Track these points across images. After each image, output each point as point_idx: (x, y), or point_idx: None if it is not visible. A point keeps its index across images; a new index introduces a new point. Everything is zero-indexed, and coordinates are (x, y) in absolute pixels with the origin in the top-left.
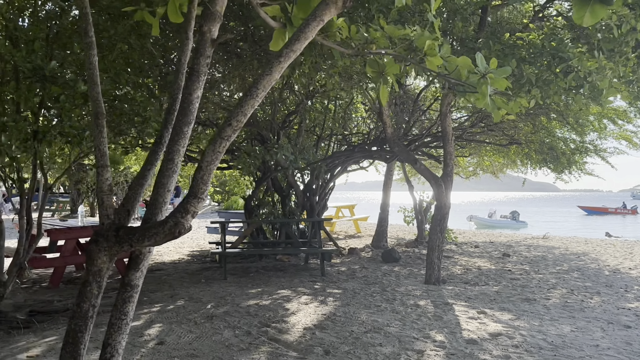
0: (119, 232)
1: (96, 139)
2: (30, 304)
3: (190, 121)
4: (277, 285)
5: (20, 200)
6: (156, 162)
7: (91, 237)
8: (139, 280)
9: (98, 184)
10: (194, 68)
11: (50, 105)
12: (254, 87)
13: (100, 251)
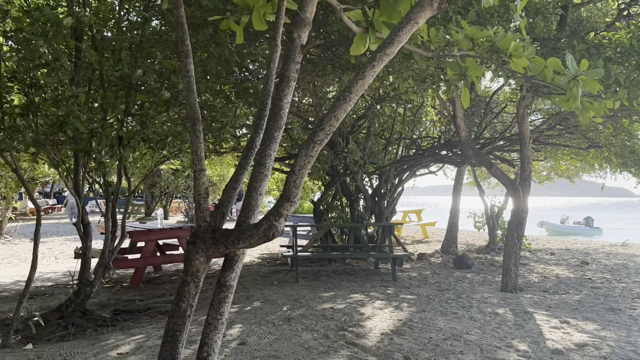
0: (215, 234)
1: (193, 144)
2: (113, 303)
3: (281, 126)
4: (349, 289)
5: (106, 203)
6: (248, 167)
7: (189, 239)
8: (234, 281)
9: (195, 188)
10: (284, 74)
11: (134, 112)
12: (347, 91)
13: (198, 252)
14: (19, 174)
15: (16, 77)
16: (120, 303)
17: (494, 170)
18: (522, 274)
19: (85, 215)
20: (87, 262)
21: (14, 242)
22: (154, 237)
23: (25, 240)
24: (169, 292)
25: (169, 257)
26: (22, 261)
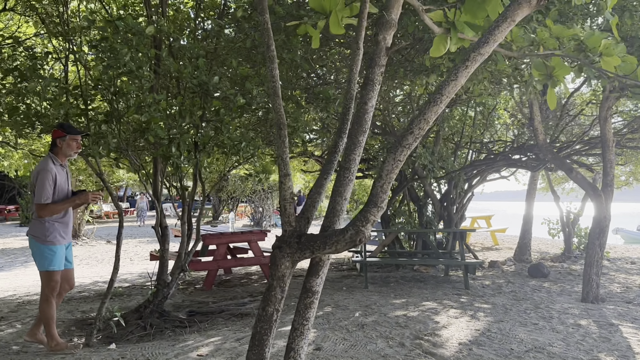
0: (301, 239)
1: (279, 149)
2: (187, 304)
3: (365, 130)
4: (421, 296)
5: (182, 206)
6: (332, 171)
7: (275, 243)
8: (319, 287)
9: (281, 192)
10: (369, 77)
11: (209, 118)
12: (438, 93)
13: (284, 257)
14: (103, 178)
15: (100, 85)
16: (194, 304)
17: (575, 175)
18: (603, 284)
19: (164, 218)
20: (165, 264)
21: (91, 244)
22: (225, 240)
23: (102, 242)
24: (240, 295)
25: (239, 260)
26: (99, 262)
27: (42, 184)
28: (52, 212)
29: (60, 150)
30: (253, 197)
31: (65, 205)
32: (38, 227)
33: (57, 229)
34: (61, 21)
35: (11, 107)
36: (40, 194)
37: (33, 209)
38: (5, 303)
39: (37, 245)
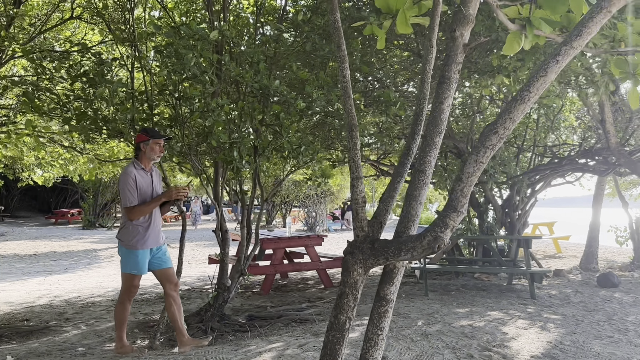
0: (374, 244)
1: (350, 152)
2: (246, 308)
3: (441, 131)
4: (484, 305)
5: (242, 211)
6: (405, 174)
7: (346, 249)
8: (394, 295)
9: (353, 196)
10: (445, 75)
11: (269, 122)
12: (525, 90)
13: (356, 263)
14: (167, 182)
15: (165, 90)
16: (253, 309)
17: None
18: None
19: (224, 222)
20: (225, 268)
21: None
22: (283, 244)
23: None
24: (298, 300)
25: (296, 265)
26: None
27: (123, 188)
28: (141, 213)
29: (143, 154)
30: (306, 202)
31: (152, 204)
32: (124, 231)
33: (141, 233)
34: (127, 28)
35: (79, 113)
36: (124, 197)
37: (125, 216)
38: (70, 304)
39: (122, 248)
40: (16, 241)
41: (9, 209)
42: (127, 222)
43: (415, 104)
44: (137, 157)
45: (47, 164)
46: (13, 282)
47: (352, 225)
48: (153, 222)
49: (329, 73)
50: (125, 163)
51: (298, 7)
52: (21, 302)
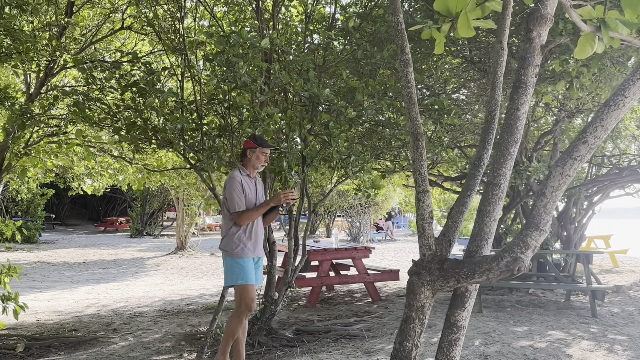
0: (443, 265)
1: (416, 162)
2: (292, 322)
3: (517, 140)
4: (544, 324)
5: (289, 222)
6: (476, 187)
7: (411, 269)
8: (465, 321)
9: (419, 211)
10: (521, 79)
11: (317, 131)
12: (619, 94)
13: (423, 285)
14: (215, 192)
15: (214, 99)
16: (299, 322)
17: None
18: None
19: (271, 233)
20: (272, 280)
21: (196, 256)
22: (330, 256)
23: (206, 254)
24: (345, 314)
25: (343, 278)
26: (204, 274)
27: (230, 193)
28: (250, 218)
29: (249, 161)
30: (350, 212)
31: (260, 209)
32: (227, 240)
33: (243, 241)
34: (177, 37)
35: (129, 123)
36: (232, 202)
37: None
38: (117, 314)
39: (226, 259)
40: (66, 249)
41: (60, 217)
42: (229, 231)
43: (486, 110)
44: (242, 163)
45: (97, 174)
46: (62, 290)
47: (420, 242)
48: (255, 231)
49: (379, 81)
50: (173, 173)
51: (348, 15)
52: (70, 311)
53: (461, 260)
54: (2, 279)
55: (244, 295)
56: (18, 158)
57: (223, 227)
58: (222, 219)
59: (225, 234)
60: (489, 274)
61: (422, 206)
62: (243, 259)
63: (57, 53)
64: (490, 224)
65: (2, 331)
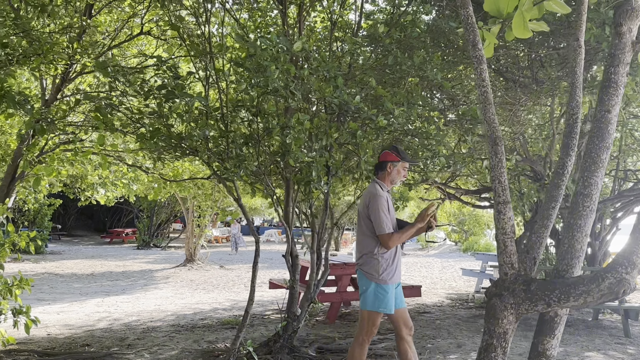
0: (530, 285)
1: (494, 170)
2: (312, 339)
3: (609, 146)
4: (578, 344)
5: (312, 235)
6: (560, 197)
7: (491, 290)
8: (555, 350)
9: (499, 224)
10: (611, 78)
11: (343, 140)
12: None
13: (506, 309)
14: (241, 203)
15: (242, 106)
16: (320, 340)
17: None
18: None
19: (294, 246)
20: (295, 295)
21: (205, 269)
22: (349, 271)
23: (215, 267)
24: None
25: None
26: (215, 287)
27: (378, 212)
28: (398, 241)
29: (387, 175)
30: None
31: (409, 231)
32: (372, 262)
33: (389, 265)
34: (202, 41)
35: (153, 129)
36: (379, 223)
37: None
38: (130, 329)
39: (369, 282)
40: (73, 260)
41: (66, 227)
42: (374, 253)
43: (567, 114)
44: (380, 177)
45: (111, 183)
46: (71, 302)
47: (500, 259)
48: (398, 254)
49: (407, 89)
50: (189, 183)
51: (375, 20)
52: (81, 325)
53: (551, 281)
54: (14, 291)
55: (372, 321)
56: (32, 166)
57: (363, 247)
58: (361, 238)
59: (368, 256)
60: (586, 297)
61: (503, 219)
62: (388, 285)
63: (76, 56)
64: (582, 240)
65: (13, 346)
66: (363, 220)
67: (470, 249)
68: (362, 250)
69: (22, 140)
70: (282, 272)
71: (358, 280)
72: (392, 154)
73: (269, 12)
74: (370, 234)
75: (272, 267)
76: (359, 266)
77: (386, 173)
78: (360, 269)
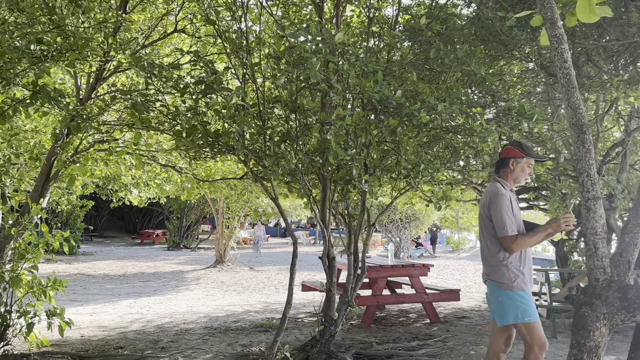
0: (627, 293)
1: (581, 161)
2: (349, 344)
3: None
4: None
5: (349, 236)
6: None
7: (579, 298)
8: None
9: (589, 223)
10: None
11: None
12: None
13: (599, 319)
14: (278, 203)
15: (280, 102)
16: (356, 344)
17: None
18: None
19: (331, 248)
20: (332, 299)
21: (235, 270)
22: (385, 274)
23: (245, 268)
24: (404, 336)
25: (400, 297)
26: (246, 289)
27: (501, 213)
28: (525, 245)
29: (510, 172)
30: (389, 226)
31: (538, 235)
32: (501, 270)
33: (521, 270)
34: (239, 35)
35: (190, 126)
36: (502, 224)
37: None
38: (163, 331)
39: (503, 292)
40: (105, 261)
41: (98, 228)
42: (501, 260)
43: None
44: (501, 175)
45: (144, 184)
46: (104, 304)
47: (590, 263)
48: (528, 258)
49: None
50: (222, 183)
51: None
52: (114, 326)
53: None
54: (48, 292)
55: (534, 334)
56: (66, 166)
57: (489, 253)
58: (485, 244)
59: (495, 263)
60: None
61: (593, 217)
62: (525, 292)
63: (111, 53)
64: None
65: (47, 348)
66: (484, 223)
67: None
68: (488, 257)
69: (57, 139)
70: (312, 274)
71: (489, 293)
72: (516, 150)
73: (304, 8)
74: (494, 239)
75: (302, 268)
76: (487, 276)
77: (508, 170)
78: (489, 280)
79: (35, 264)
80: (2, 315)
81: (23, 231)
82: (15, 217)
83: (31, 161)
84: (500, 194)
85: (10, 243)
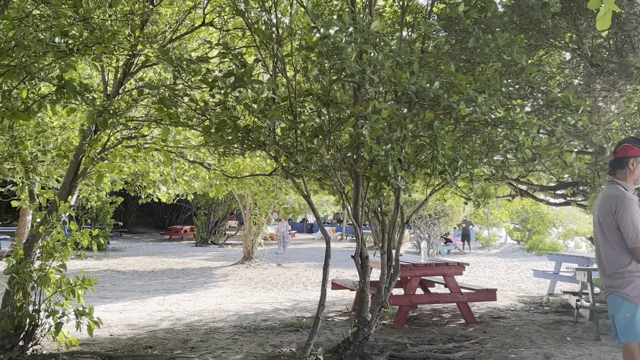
0: None
1: None
2: (382, 345)
3: None
4: None
5: (382, 234)
6: None
7: None
8: None
9: None
10: None
11: (417, 132)
12: None
13: None
14: (310, 200)
15: (312, 95)
16: (390, 346)
17: None
18: None
19: (364, 247)
20: (365, 299)
21: (263, 267)
22: (419, 272)
23: (273, 265)
24: (439, 337)
25: (434, 296)
26: (274, 286)
27: (632, 220)
28: None
29: (630, 173)
30: (418, 223)
31: None
32: (631, 282)
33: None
34: (269, 27)
35: (220, 121)
36: (634, 234)
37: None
38: (192, 329)
39: (629, 306)
40: (134, 257)
41: (127, 224)
42: (632, 270)
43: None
44: (619, 176)
45: (172, 180)
46: (133, 301)
47: None
48: None
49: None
50: (250, 180)
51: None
52: (143, 325)
53: None
54: (76, 291)
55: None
56: (94, 163)
57: (614, 264)
58: (609, 252)
59: (623, 274)
60: None
61: None
62: None
63: (139, 46)
64: None
65: (75, 348)
66: (608, 230)
67: (534, 248)
68: (613, 267)
69: (85, 136)
70: (340, 271)
71: (611, 306)
72: (635, 147)
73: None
74: (621, 248)
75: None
76: (612, 288)
77: (628, 171)
78: (615, 292)
79: (63, 262)
80: (31, 314)
81: (51, 229)
82: (43, 215)
83: (59, 158)
84: (628, 199)
85: (38, 241)
